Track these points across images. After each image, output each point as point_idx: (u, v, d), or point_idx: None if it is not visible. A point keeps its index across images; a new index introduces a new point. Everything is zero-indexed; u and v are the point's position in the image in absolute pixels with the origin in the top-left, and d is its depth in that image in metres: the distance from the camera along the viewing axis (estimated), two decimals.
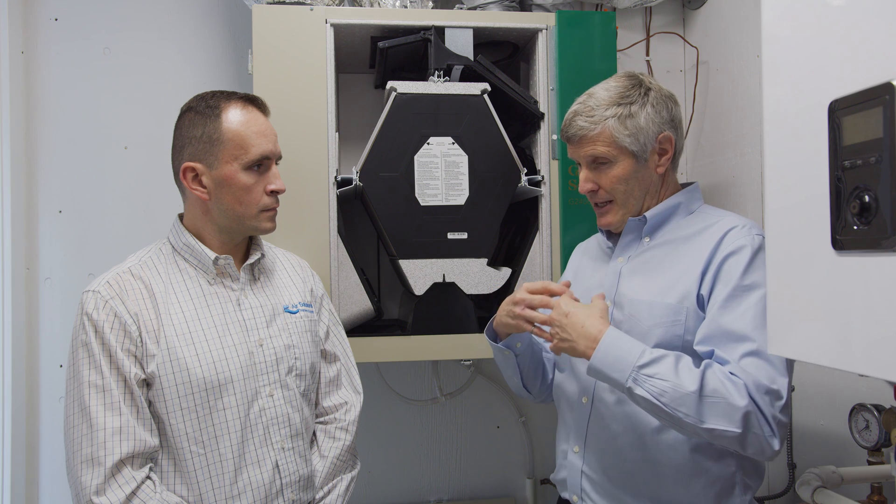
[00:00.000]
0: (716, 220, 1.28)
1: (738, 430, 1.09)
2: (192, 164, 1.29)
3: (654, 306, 1.24)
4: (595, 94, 1.32)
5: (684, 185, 1.38)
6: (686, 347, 1.20)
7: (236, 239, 1.36)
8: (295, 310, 1.40)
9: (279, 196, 1.36)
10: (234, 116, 1.29)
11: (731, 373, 1.12)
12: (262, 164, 1.31)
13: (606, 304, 1.25)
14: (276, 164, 1.36)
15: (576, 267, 1.51)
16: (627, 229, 1.35)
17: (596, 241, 1.49)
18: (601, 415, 1.30)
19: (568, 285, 1.30)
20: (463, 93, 1.75)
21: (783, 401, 1.11)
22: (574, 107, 1.33)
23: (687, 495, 1.22)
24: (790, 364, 1.16)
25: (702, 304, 1.21)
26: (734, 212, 1.32)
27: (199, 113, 1.30)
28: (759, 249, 1.19)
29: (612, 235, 1.41)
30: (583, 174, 1.34)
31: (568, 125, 1.33)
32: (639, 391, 1.12)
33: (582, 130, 1.30)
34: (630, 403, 1.22)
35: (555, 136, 1.81)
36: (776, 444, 1.11)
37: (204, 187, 1.29)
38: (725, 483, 1.22)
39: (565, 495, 1.39)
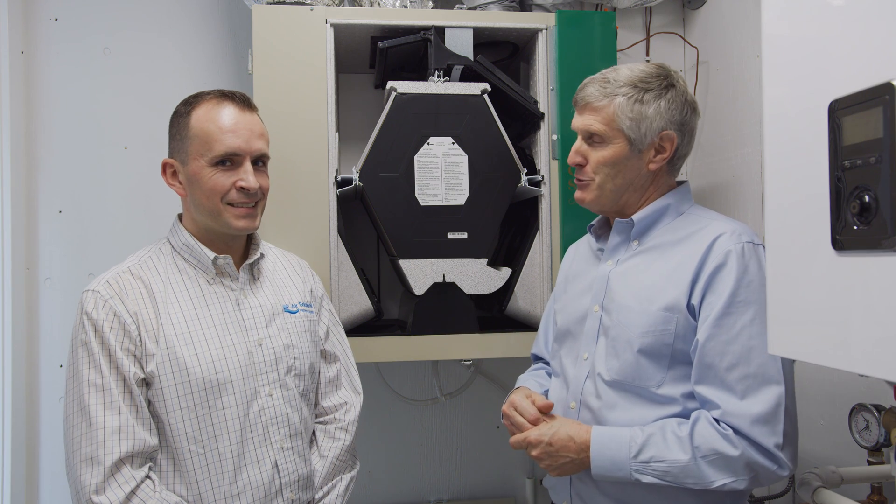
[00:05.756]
0: (704, 225, 1.26)
1: (746, 477, 1.13)
2: (169, 160, 1.31)
3: (642, 314, 1.22)
4: (619, 69, 1.30)
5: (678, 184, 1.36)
6: (674, 355, 1.20)
7: (221, 237, 1.35)
8: (294, 310, 1.40)
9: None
10: (202, 113, 1.29)
11: (717, 419, 1.14)
12: (231, 161, 1.29)
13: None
14: (262, 162, 1.34)
15: (567, 270, 1.50)
16: (615, 232, 1.33)
17: (586, 241, 1.48)
18: (588, 420, 1.28)
19: (550, 407, 1.30)
20: (463, 93, 1.74)
21: (781, 424, 1.13)
22: (596, 74, 1.31)
23: (678, 499, 1.21)
24: (789, 369, 1.16)
25: (693, 312, 1.20)
26: (735, 212, 1.31)
27: (177, 112, 1.33)
28: (748, 258, 1.18)
29: (601, 237, 1.40)
30: (576, 144, 1.32)
31: (581, 88, 1.31)
32: (645, 479, 1.16)
33: (590, 97, 1.28)
34: (617, 408, 1.23)
35: (555, 136, 1.80)
36: (786, 471, 1.14)
37: (181, 183, 1.31)
38: None
39: (556, 500, 1.38)
